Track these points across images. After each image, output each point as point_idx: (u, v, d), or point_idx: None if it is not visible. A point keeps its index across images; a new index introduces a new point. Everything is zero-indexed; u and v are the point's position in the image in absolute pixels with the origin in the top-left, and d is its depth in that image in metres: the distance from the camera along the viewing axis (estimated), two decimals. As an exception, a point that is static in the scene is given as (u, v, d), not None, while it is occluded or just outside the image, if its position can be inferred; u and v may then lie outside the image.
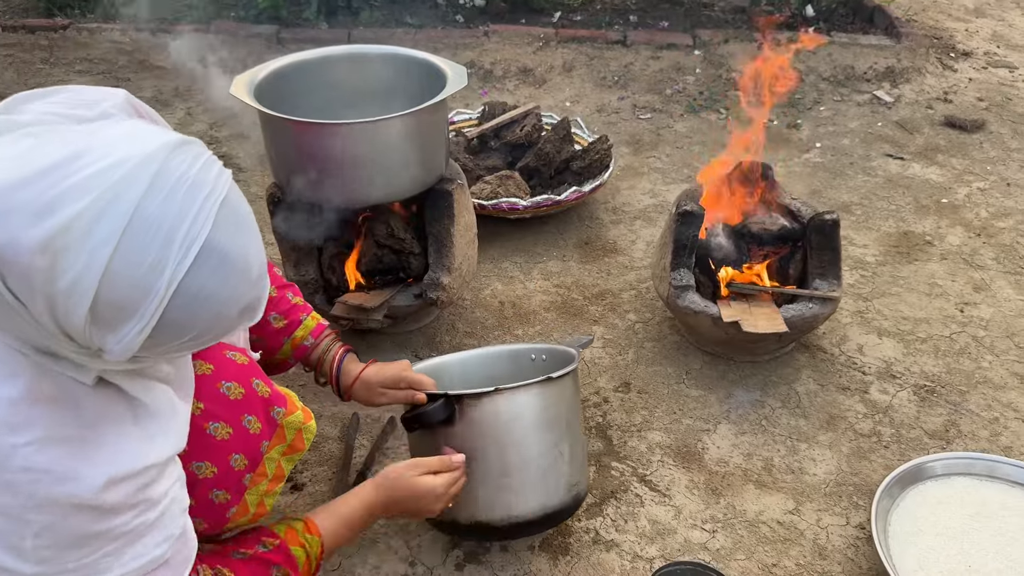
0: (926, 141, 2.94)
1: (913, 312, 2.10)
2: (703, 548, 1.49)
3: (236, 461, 1.09)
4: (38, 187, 0.70)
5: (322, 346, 1.43)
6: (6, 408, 0.78)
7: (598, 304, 2.13)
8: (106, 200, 0.71)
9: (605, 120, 3.13)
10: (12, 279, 0.71)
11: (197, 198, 0.75)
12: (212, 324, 0.80)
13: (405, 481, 1.27)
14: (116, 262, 0.72)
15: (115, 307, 0.73)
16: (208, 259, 0.76)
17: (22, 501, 0.79)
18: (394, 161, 1.70)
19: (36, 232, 0.69)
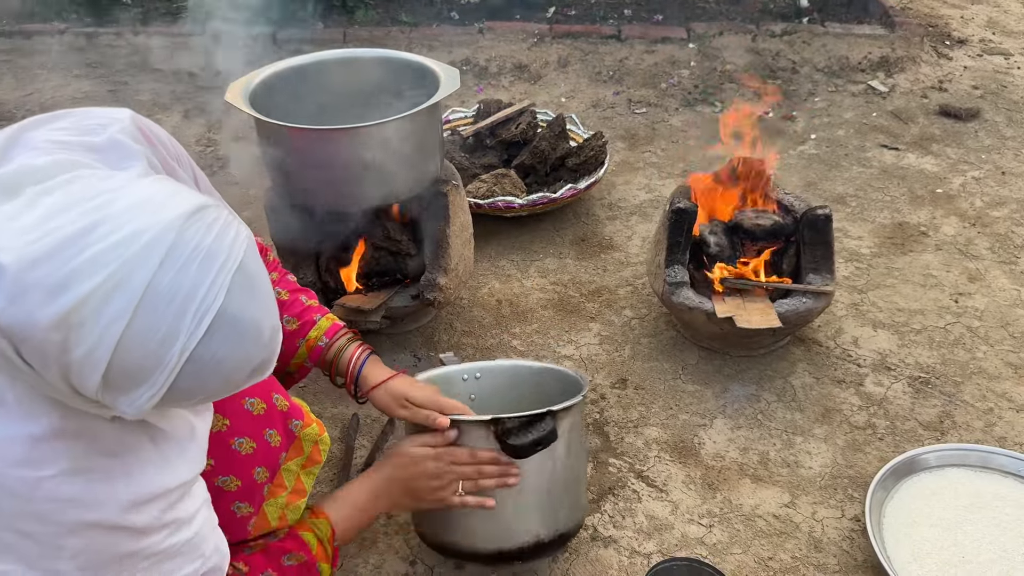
0: (921, 131, 2.94)
1: (908, 303, 2.12)
2: (700, 543, 1.51)
3: (259, 474, 1.11)
4: (53, 264, 0.71)
5: (337, 345, 1.38)
6: (30, 445, 0.80)
7: (594, 301, 2.15)
8: (120, 276, 0.72)
9: (600, 115, 3.14)
10: (26, 351, 0.73)
11: (211, 269, 0.76)
12: (222, 387, 0.82)
13: (396, 460, 1.30)
14: (129, 335, 0.72)
15: (127, 375, 0.75)
16: (220, 328, 0.76)
17: (53, 529, 0.82)
18: (389, 165, 1.72)
19: (50, 310, 0.70)
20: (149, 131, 1.02)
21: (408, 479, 1.29)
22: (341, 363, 1.37)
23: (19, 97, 3.32)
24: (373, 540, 1.52)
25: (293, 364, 1.39)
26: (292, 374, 1.42)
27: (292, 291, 1.40)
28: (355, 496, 1.27)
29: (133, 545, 0.87)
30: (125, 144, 0.94)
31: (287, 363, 1.38)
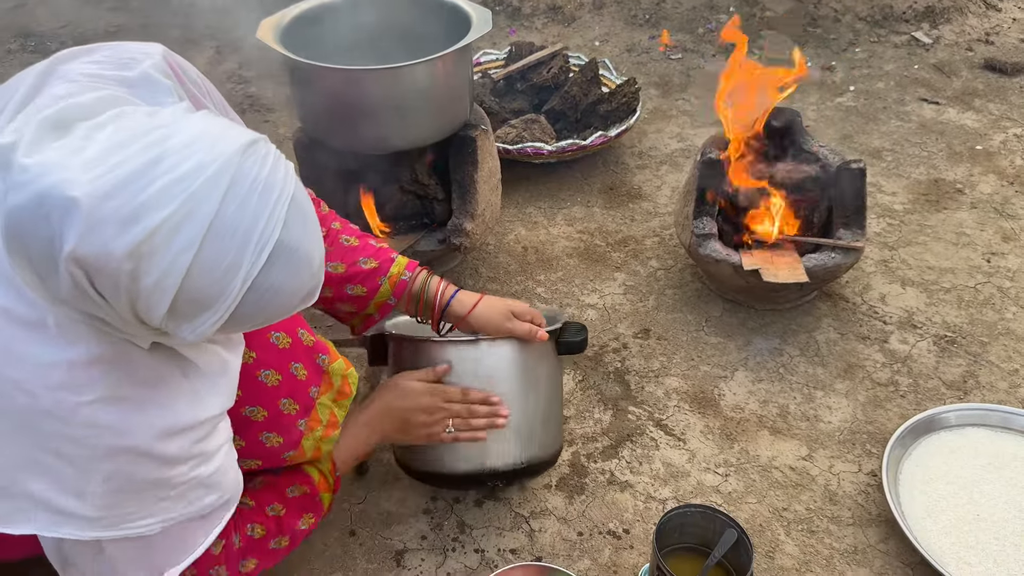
0: (963, 85, 2.86)
1: (939, 262, 2.09)
2: (715, 491, 1.54)
3: (284, 405, 1.14)
4: (123, 197, 0.73)
5: (420, 278, 1.40)
6: (69, 371, 0.83)
7: (620, 250, 2.14)
8: (188, 207, 0.74)
9: (634, 60, 3.09)
10: (99, 281, 0.75)
11: (269, 201, 0.79)
12: (277, 312, 0.86)
13: (390, 393, 1.34)
14: (196, 265, 0.75)
15: (193, 303, 0.78)
16: (279, 258, 0.80)
17: (87, 453, 0.86)
18: (418, 107, 1.71)
19: (124, 240, 0.73)
20: (179, 68, 1.03)
21: (401, 412, 1.32)
22: (429, 293, 1.40)
23: (53, 29, 3.33)
24: (396, 476, 1.56)
25: (374, 304, 1.40)
26: (371, 315, 1.42)
27: (359, 236, 1.43)
28: (350, 428, 1.30)
29: (160, 473, 0.91)
30: (157, 80, 0.95)
31: (367, 304, 1.40)
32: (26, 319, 0.82)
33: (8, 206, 0.74)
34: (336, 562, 1.42)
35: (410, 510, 1.50)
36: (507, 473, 1.40)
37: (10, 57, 3.18)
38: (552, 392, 1.46)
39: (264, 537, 1.15)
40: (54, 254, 0.73)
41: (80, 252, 0.72)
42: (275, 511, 1.18)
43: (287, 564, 1.39)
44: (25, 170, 0.73)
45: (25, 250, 0.75)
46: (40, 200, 0.72)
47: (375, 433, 1.33)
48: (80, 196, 0.71)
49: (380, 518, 1.49)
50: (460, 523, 1.48)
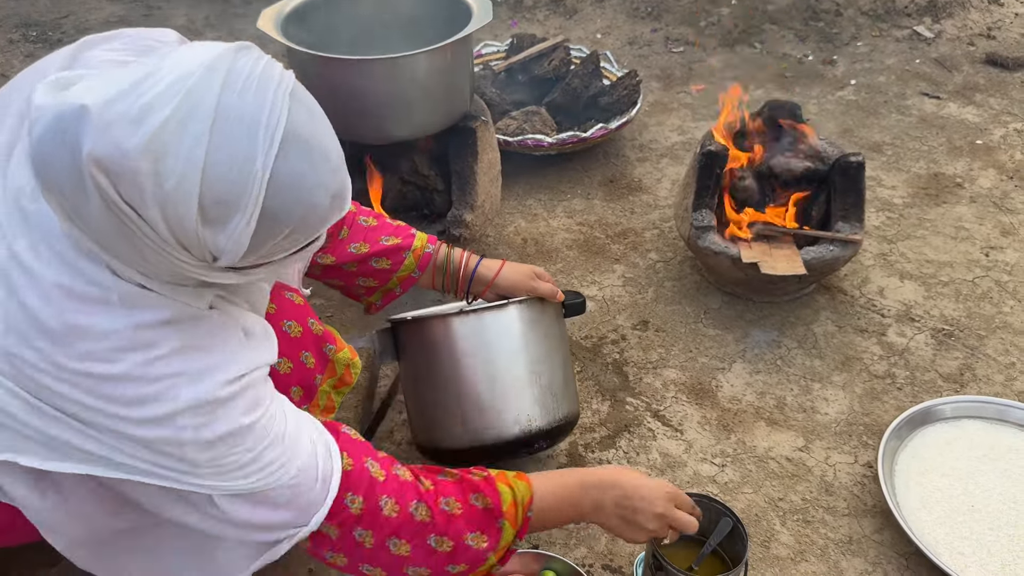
0: (965, 79, 2.86)
1: (937, 255, 2.09)
2: (712, 481, 1.55)
3: (294, 393, 1.16)
4: (127, 101, 0.76)
5: (442, 250, 1.46)
6: (138, 332, 0.86)
7: (620, 243, 2.15)
8: (189, 103, 0.76)
9: (636, 53, 3.09)
10: (124, 187, 0.76)
11: (268, 90, 0.80)
12: (307, 214, 0.85)
13: (631, 473, 1.20)
14: (211, 158, 0.77)
15: (219, 203, 0.79)
16: (291, 146, 0.81)
17: (169, 408, 0.87)
18: (418, 97, 1.72)
19: (136, 138, 0.75)
20: None
21: (633, 495, 1.17)
22: (453, 263, 1.46)
23: (54, 19, 3.33)
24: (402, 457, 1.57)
25: (396, 278, 1.44)
26: (393, 289, 1.46)
27: (376, 216, 1.46)
28: (570, 489, 1.16)
29: (244, 418, 0.92)
30: None
31: (390, 278, 1.43)
32: (89, 296, 0.85)
33: (33, 143, 0.77)
34: (334, 549, 1.43)
35: (408, 498, 1.51)
36: (550, 431, 1.42)
37: (12, 47, 3.19)
38: (568, 353, 1.50)
39: (425, 525, 1.04)
40: (78, 169, 0.75)
41: (97, 152, 0.74)
42: (448, 506, 1.07)
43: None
44: (40, 107, 0.76)
45: (57, 184, 0.77)
46: (56, 120, 0.75)
47: (592, 515, 1.19)
48: (88, 103, 0.74)
49: (378, 506, 1.50)
50: (458, 511, 1.49)
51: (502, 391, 1.40)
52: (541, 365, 1.42)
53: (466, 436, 1.41)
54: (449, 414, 1.41)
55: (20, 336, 0.84)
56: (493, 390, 1.39)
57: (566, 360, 1.48)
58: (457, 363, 1.40)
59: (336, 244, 1.41)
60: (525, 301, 1.43)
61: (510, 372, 1.40)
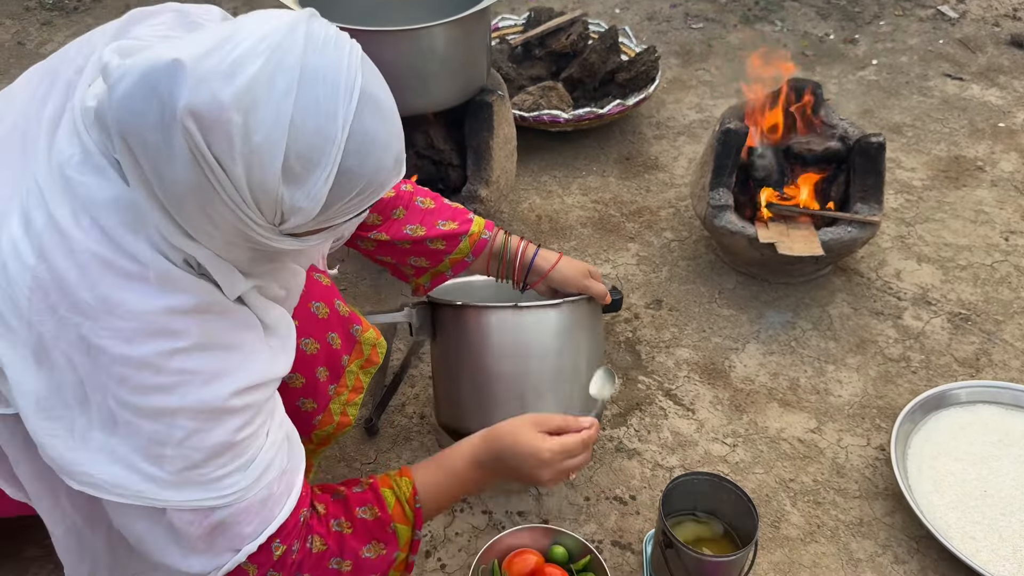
0: (988, 61, 2.82)
1: (956, 239, 2.07)
2: (723, 461, 1.55)
3: (321, 373, 1.16)
4: (218, 56, 0.77)
5: (499, 237, 1.44)
6: (167, 316, 0.85)
7: (635, 221, 2.14)
8: (276, 59, 0.79)
9: (655, 29, 3.05)
10: (214, 140, 0.77)
11: (343, 50, 0.84)
12: (376, 172, 0.88)
13: (511, 431, 1.18)
14: (297, 113, 0.79)
15: (303, 159, 0.81)
16: (367, 104, 0.84)
17: (174, 402, 0.86)
18: (435, 70, 1.71)
19: (230, 91, 0.76)
20: None
21: (521, 466, 1.17)
22: (510, 251, 1.44)
23: (73, -12, 3.32)
24: (407, 437, 1.58)
25: (449, 260, 1.43)
26: (444, 272, 1.45)
27: (433, 196, 1.45)
28: (452, 461, 1.17)
29: (236, 435, 0.91)
30: None
31: (442, 260, 1.43)
32: (126, 270, 0.84)
33: (116, 99, 0.78)
34: (346, 520, 1.44)
35: (419, 471, 1.52)
36: None
37: (28, 15, 3.18)
38: (603, 351, 1.49)
39: (323, 554, 1.04)
40: (167, 123, 0.76)
41: (193, 103, 0.75)
42: (339, 527, 1.06)
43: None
44: (120, 66, 0.78)
45: (141, 139, 0.78)
46: (145, 75, 0.76)
47: (485, 474, 1.18)
48: (183, 57, 0.76)
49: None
50: (469, 485, 1.50)
51: (535, 386, 1.37)
52: (581, 364, 1.40)
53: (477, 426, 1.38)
54: (479, 402, 1.40)
55: (46, 305, 0.84)
56: (527, 384, 1.37)
57: (601, 359, 1.45)
58: (494, 356, 1.37)
59: (392, 224, 1.40)
60: (576, 301, 1.40)
61: (550, 369, 1.37)
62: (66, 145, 0.87)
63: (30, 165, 0.89)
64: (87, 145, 0.85)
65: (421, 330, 1.46)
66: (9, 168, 0.90)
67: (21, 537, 1.36)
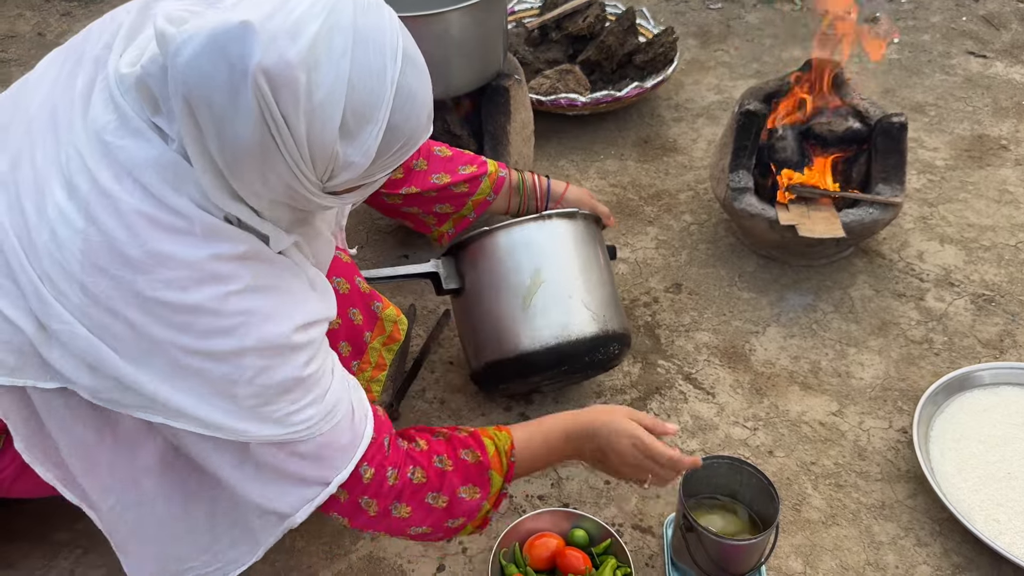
0: (1013, 38, 2.77)
1: (979, 219, 2.05)
2: (743, 444, 1.54)
3: (344, 348, 1.19)
4: (280, 16, 0.81)
5: (515, 175, 1.60)
6: (216, 263, 0.89)
7: (654, 204, 2.13)
8: (332, 20, 0.83)
9: (673, 10, 3.02)
10: (282, 99, 0.81)
11: (384, 14, 0.89)
12: (415, 128, 0.94)
13: (609, 411, 1.24)
14: (354, 71, 0.84)
15: (357, 115, 0.86)
16: (409, 64, 0.90)
17: (237, 344, 0.90)
18: (451, 55, 1.70)
19: (296, 48, 0.80)
20: None
21: (607, 447, 1.22)
22: (527, 184, 1.60)
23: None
24: (428, 422, 1.58)
25: (472, 202, 1.56)
26: (466, 216, 1.58)
27: (447, 146, 1.57)
28: (546, 428, 1.23)
29: (301, 370, 0.95)
30: None
31: (465, 203, 1.55)
32: (172, 225, 0.87)
33: (182, 63, 0.79)
34: (368, 504, 1.45)
35: (440, 456, 1.53)
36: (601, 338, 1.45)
37: (47, 6, 3.20)
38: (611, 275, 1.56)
39: (422, 485, 1.09)
40: (236, 84, 0.79)
41: (265, 62, 0.78)
42: (442, 463, 1.12)
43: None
44: (183, 31, 0.80)
45: (207, 100, 0.80)
46: (212, 39, 0.78)
47: (570, 447, 1.24)
48: (251, 19, 0.78)
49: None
50: (489, 470, 1.51)
51: (570, 293, 1.45)
52: (606, 276, 1.52)
53: (526, 341, 1.42)
54: (518, 321, 1.43)
55: (98, 267, 0.86)
56: (562, 292, 1.44)
57: (612, 280, 1.55)
58: (527, 269, 1.44)
59: (416, 175, 1.51)
60: (588, 215, 1.54)
61: (579, 274, 1.47)
62: (102, 112, 0.89)
63: (64, 136, 0.91)
64: (124, 110, 0.88)
65: (449, 279, 1.50)
66: (43, 142, 0.92)
67: (51, 522, 1.39)
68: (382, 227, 2.03)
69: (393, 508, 1.08)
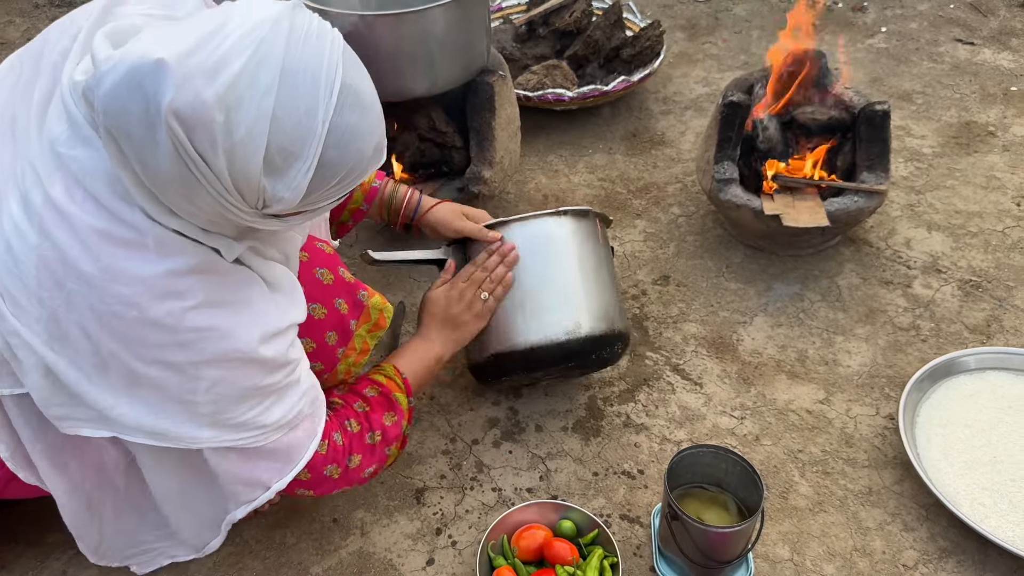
0: (1000, 24, 2.77)
1: (967, 206, 2.05)
2: (731, 433, 1.55)
3: (330, 338, 1.20)
4: (204, 52, 0.79)
5: (389, 186, 1.56)
6: (171, 279, 0.89)
7: (642, 198, 2.13)
8: (260, 55, 0.81)
9: (661, 3, 3.03)
10: (197, 138, 0.80)
11: (325, 45, 0.85)
12: (356, 162, 0.91)
13: (435, 292, 1.43)
14: (278, 109, 0.81)
15: (284, 152, 0.84)
16: (347, 98, 0.86)
17: (195, 357, 0.91)
18: (434, 52, 1.71)
19: (213, 89, 0.78)
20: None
21: (442, 313, 1.40)
22: (397, 197, 1.55)
23: (79, -17, 3.35)
24: (418, 418, 1.59)
25: (348, 211, 1.53)
26: (346, 223, 1.55)
27: None
28: (408, 347, 1.38)
29: (261, 380, 0.97)
30: None
31: (342, 211, 1.52)
32: (125, 239, 0.88)
33: (102, 93, 0.79)
34: (358, 499, 1.47)
35: (429, 451, 1.54)
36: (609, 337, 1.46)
37: (37, 12, 3.21)
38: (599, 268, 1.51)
39: (360, 432, 1.20)
40: (152, 120, 0.78)
41: (176, 103, 0.77)
42: (361, 407, 1.23)
43: (314, 501, 1.44)
44: (109, 58, 0.79)
45: (126, 131, 0.80)
46: (131, 73, 0.78)
47: (436, 343, 1.39)
48: (166, 56, 0.77)
49: (401, 458, 1.53)
50: (478, 463, 1.52)
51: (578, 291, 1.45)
52: (610, 274, 1.52)
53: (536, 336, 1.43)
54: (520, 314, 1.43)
55: (54, 281, 0.87)
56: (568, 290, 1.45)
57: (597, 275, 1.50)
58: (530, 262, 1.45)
59: None
60: (599, 213, 1.55)
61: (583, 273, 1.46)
62: (55, 123, 0.90)
63: (22, 148, 0.92)
64: (75, 118, 0.88)
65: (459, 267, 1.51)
66: (2, 152, 0.94)
67: (43, 524, 1.40)
68: (369, 224, 2.04)
69: (349, 462, 1.18)
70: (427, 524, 1.42)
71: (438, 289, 1.44)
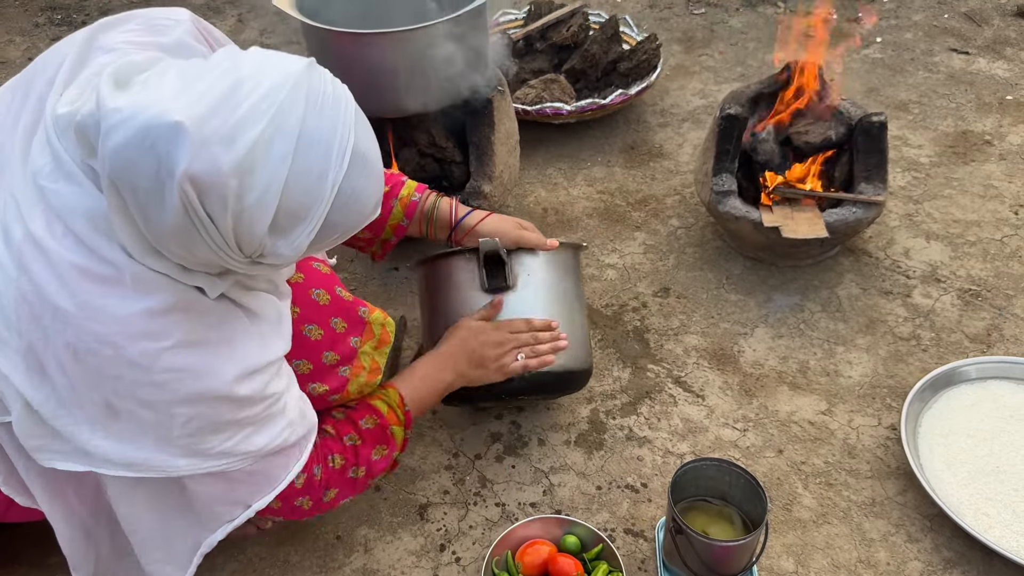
0: (995, 34, 2.79)
1: (965, 215, 2.06)
2: (733, 446, 1.55)
3: (327, 358, 1.19)
4: (221, 117, 0.78)
5: (430, 198, 1.51)
6: (148, 319, 0.88)
7: (641, 210, 2.14)
8: (277, 122, 0.80)
9: (657, 16, 3.04)
10: (208, 201, 0.79)
11: (339, 110, 0.85)
12: (357, 220, 0.92)
13: (457, 326, 1.38)
14: (292, 176, 0.81)
15: (291, 216, 0.84)
16: (356, 163, 0.87)
17: (169, 397, 0.91)
18: (434, 69, 1.72)
19: (230, 156, 0.78)
20: (207, 32, 1.07)
21: (473, 349, 1.35)
22: (441, 210, 1.50)
23: (78, 1, 3.36)
24: (420, 433, 1.59)
25: (388, 227, 1.49)
26: (389, 240, 1.51)
27: None
28: (421, 370, 1.34)
29: (236, 414, 0.97)
30: (191, 44, 1.02)
31: (382, 228, 1.49)
32: (102, 276, 0.87)
33: (110, 147, 0.78)
34: (362, 516, 1.47)
35: (432, 467, 1.54)
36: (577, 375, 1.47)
37: (38, 31, 3.23)
38: (578, 306, 1.50)
39: (343, 467, 1.19)
40: (162, 180, 0.77)
41: (193, 170, 0.77)
42: (352, 440, 1.21)
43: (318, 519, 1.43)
44: (118, 111, 0.78)
45: (131, 186, 0.79)
46: (144, 132, 0.77)
47: (449, 372, 1.35)
48: (184, 120, 0.76)
49: (404, 474, 1.53)
50: (482, 478, 1.52)
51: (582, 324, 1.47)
52: (582, 311, 1.50)
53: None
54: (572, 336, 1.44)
55: (31, 315, 0.87)
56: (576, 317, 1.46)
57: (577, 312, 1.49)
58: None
59: None
60: (576, 245, 1.52)
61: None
62: (39, 156, 0.89)
63: (5, 179, 0.92)
64: (58, 153, 0.87)
65: None
66: None
67: (45, 545, 1.39)
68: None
69: (324, 496, 1.17)
70: (431, 540, 1.42)
71: (481, 322, 1.39)
